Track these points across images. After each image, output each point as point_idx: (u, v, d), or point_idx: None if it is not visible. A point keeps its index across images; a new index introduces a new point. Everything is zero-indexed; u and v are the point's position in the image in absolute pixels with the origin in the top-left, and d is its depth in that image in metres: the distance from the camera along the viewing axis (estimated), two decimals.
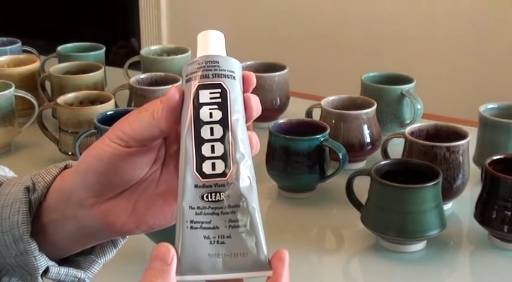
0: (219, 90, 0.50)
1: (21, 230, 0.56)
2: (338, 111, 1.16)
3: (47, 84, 1.39)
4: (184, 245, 0.48)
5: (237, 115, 0.50)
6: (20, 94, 1.25)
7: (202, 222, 0.48)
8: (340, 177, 1.05)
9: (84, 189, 0.54)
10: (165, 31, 2.80)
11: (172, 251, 0.47)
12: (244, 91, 0.52)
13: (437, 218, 0.92)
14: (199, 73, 0.50)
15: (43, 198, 0.57)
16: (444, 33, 2.30)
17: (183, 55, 1.44)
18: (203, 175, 0.49)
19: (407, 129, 1.06)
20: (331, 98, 1.20)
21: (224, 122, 0.49)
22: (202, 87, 0.50)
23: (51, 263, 0.58)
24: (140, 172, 0.54)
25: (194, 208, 0.48)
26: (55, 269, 0.58)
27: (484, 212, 0.94)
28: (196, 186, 0.48)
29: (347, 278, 0.96)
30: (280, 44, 2.50)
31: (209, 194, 0.48)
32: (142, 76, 1.31)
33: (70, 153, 1.18)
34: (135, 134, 0.52)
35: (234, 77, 0.51)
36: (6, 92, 1.22)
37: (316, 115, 1.21)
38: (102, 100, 1.20)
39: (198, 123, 0.49)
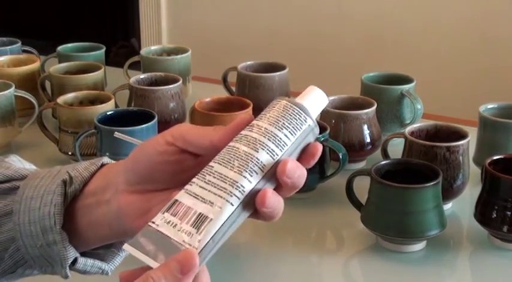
0: None
1: (52, 220, 0.57)
2: (338, 111, 1.16)
3: (47, 84, 1.39)
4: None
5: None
6: (20, 94, 1.25)
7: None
8: (340, 177, 1.05)
9: (122, 173, 0.57)
10: (165, 31, 2.80)
11: (195, 260, 0.47)
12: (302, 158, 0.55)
13: (437, 218, 0.92)
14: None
15: (78, 192, 0.59)
16: (444, 33, 2.31)
17: (183, 55, 1.43)
18: None
19: (407, 129, 1.06)
20: (331, 98, 1.20)
21: None
22: None
23: (78, 254, 0.59)
24: (169, 182, 0.56)
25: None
26: (82, 260, 0.59)
27: (484, 212, 0.94)
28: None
29: (347, 278, 0.96)
30: (280, 44, 2.50)
31: None
32: (142, 76, 1.31)
33: (70, 153, 1.18)
34: (186, 134, 0.54)
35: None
36: (6, 92, 1.22)
37: None
38: (102, 100, 1.20)
39: None
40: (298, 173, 0.52)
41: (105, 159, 0.61)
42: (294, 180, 0.52)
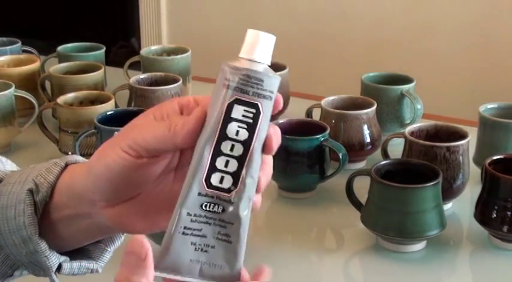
0: (254, 110, 0.50)
1: (28, 231, 0.56)
2: (338, 111, 1.16)
3: (47, 84, 1.39)
4: (172, 248, 0.50)
5: (260, 140, 0.50)
6: (20, 94, 1.25)
7: (194, 229, 0.50)
8: (340, 177, 1.05)
9: (96, 193, 0.55)
10: (165, 31, 2.80)
11: (147, 245, 0.48)
12: None
13: (437, 218, 0.92)
14: (240, 86, 0.49)
15: (48, 198, 0.57)
16: (444, 33, 2.30)
17: (183, 55, 1.43)
18: (209, 185, 0.50)
19: (407, 129, 1.06)
20: (331, 98, 1.20)
21: (247, 144, 0.50)
22: (239, 102, 0.49)
23: (62, 258, 0.58)
24: (152, 181, 0.55)
25: (191, 215, 0.50)
26: (67, 265, 0.58)
27: (484, 212, 0.94)
28: (199, 194, 0.50)
29: (347, 278, 0.96)
30: (280, 44, 2.49)
31: (209, 204, 0.50)
32: (142, 76, 1.31)
33: (70, 153, 1.18)
34: (146, 145, 0.52)
35: (271, 98, 0.51)
36: (6, 92, 1.22)
37: (316, 115, 1.21)
38: (102, 100, 1.20)
39: (222, 136, 0.49)
40: (267, 181, 0.52)
41: (69, 158, 0.59)
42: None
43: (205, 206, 0.50)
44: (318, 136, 1.06)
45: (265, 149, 0.51)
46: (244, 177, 0.50)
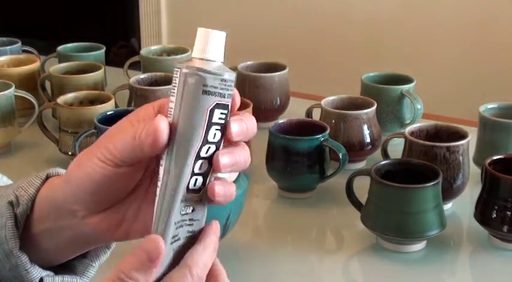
0: (226, 111, 0.50)
1: (10, 244, 0.56)
2: (338, 111, 1.16)
3: (47, 84, 1.39)
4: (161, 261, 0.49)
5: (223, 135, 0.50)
6: (20, 94, 1.25)
7: (176, 236, 0.50)
8: (340, 177, 1.05)
9: (75, 203, 0.54)
10: (165, 31, 2.80)
11: (161, 249, 0.48)
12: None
13: (437, 218, 0.92)
14: (220, 91, 0.49)
15: (29, 210, 0.56)
16: (444, 33, 2.30)
17: (183, 55, 1.44)
18: (188, 190, 0.49)
19: (407, 129, 1.06)
20: (331, 98, 1.20)
21: (219, 144, 0.50)
22: (218, 106, 0.49)
23: (44, 273, 0.58)
24: (131, 186, 0.54)
25: (176, 224, 0.50)
26: (49, 279, 0.58)
27: (484, 212, 0.94)
28: (181, 201, 0.49)
29: (347, 278, 0.96)
30: (281, 44, 2.50)
31: (185, 208, 0.50)
32: (142, 76, 1.31)
33: (70, 153, 1.18)
34: (120, 155, 0.51)
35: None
36: (6, 92, 1.22)
37: (316, 115, 1.21)
38: (102, 100, 1.20)
39: (204, 142, 0.49)
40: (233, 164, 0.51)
41: (51, 171, 0.59)
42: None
43: (182, 211, 0.50)
44: (318, 136, 1.06)
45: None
46: (211, 175, 0.50)
